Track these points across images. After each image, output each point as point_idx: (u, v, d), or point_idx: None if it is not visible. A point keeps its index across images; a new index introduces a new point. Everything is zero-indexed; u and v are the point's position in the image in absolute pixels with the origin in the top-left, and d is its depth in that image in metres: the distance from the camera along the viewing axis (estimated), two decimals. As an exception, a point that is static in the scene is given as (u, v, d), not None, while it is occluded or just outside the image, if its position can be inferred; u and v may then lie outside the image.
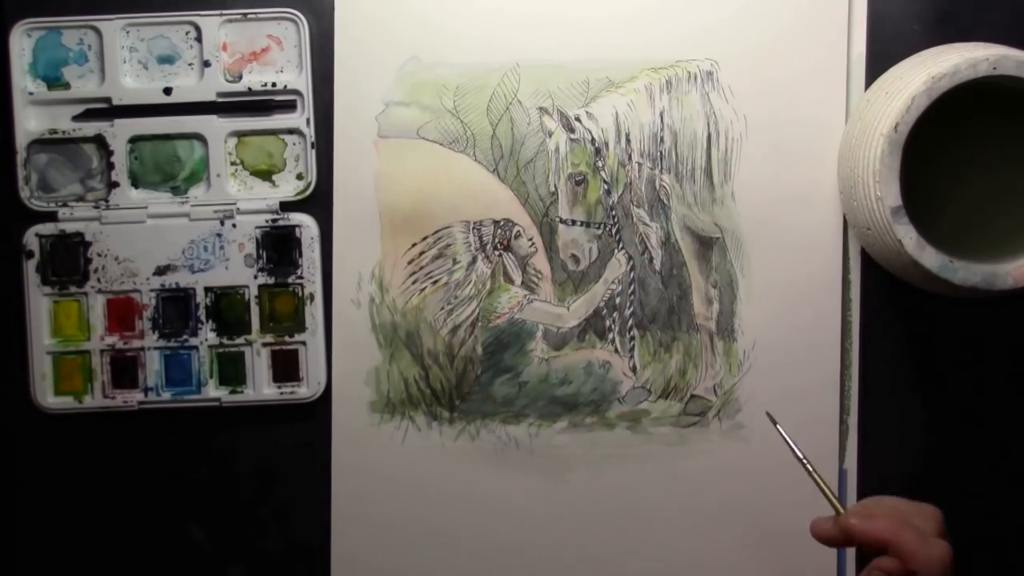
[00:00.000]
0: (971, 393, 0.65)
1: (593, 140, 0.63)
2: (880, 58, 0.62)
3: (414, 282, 0.64)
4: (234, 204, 0.64)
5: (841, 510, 0.55)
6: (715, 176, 0.64)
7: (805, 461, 0.56)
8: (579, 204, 0.64)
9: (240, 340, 0.64)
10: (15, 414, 0.65)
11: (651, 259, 0.64)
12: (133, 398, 0.64)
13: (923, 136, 0.55)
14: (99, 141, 0.64)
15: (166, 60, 0.64)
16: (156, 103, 0.64)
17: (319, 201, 0.64)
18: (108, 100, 0.64)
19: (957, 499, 0.65)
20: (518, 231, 0.64)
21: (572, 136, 0.63)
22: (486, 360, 0.65)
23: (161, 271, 0.64)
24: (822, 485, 0.56)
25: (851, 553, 0.64)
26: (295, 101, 0.64)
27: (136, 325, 0.64)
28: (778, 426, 0.58)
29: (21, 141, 0.63)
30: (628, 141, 0.63)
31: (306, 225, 0.64)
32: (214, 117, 0.64)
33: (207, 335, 0.64)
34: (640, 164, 0.64)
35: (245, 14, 0.63)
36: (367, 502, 0.65)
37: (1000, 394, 0.65)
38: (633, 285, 0.64)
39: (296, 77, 0.64)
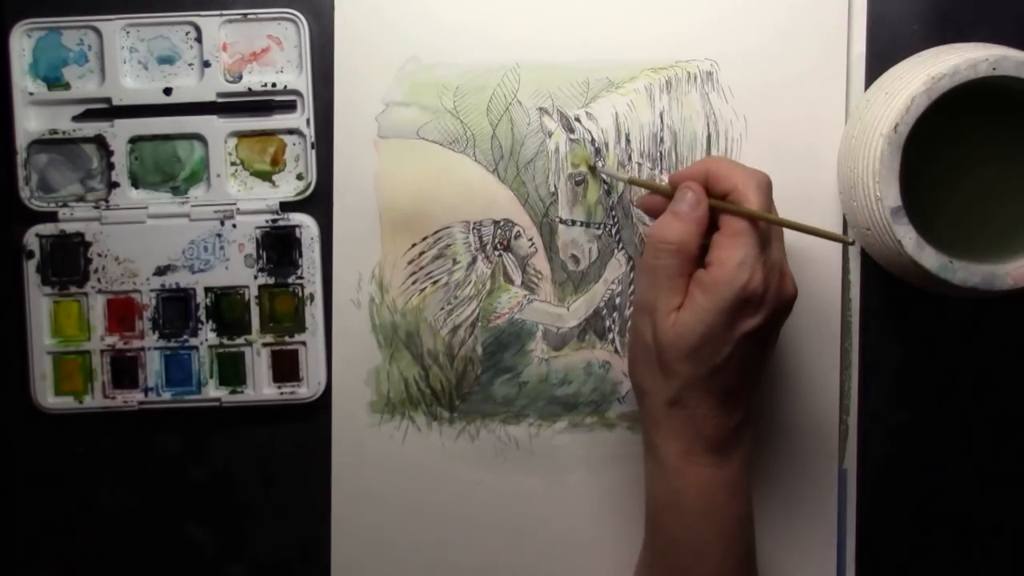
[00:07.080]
0: (971, 393, 0.65)
1: (593, 140, 0.63)
2: (880, 58, 0.62)
3: (414, 282, 0.64)
4: (234, 204, 0.64)
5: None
6: (715, 176, 0.64)
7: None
8: (579, 204, 0.64)
9: (240, 340, 0.64)
10: (15, 414, 0.65)
11: (651, 259, 0.64)
12: (133, 398, 0.64)
13: (923, 136, 0.55)
14: (99, 141, 0.64)
15: (166, 60, 0.64)
16: (156, 103, 0.64)
17: (319, 201, 0.64)
18: (108, 100, 0.64)
19: (958, 499, 0.65)
20: (518, 231, 0.64)
21: (572, 136, 0.63)
22: (486, 360, 0.65)
23: (161, 271, 0.64)
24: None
25: (851, 552, 0.64)
26: (295, 101, 0.64)
27: (136, 325, 0.64)
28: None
29: (21, 141, 0.63)
30: (628, 141, 0.63)
31: (306, 225, 0.64)
32: (214, 117, 0.64)
33: (207, 335, 0.64)
34: (640, 164, 0.64)
35: (245, 14, 0.63)
36: (367, 502, 0.65)
37: (1000, 394, 0.65)
38: (633, 285, 0.64)
39: (296, 77, 0.64)
